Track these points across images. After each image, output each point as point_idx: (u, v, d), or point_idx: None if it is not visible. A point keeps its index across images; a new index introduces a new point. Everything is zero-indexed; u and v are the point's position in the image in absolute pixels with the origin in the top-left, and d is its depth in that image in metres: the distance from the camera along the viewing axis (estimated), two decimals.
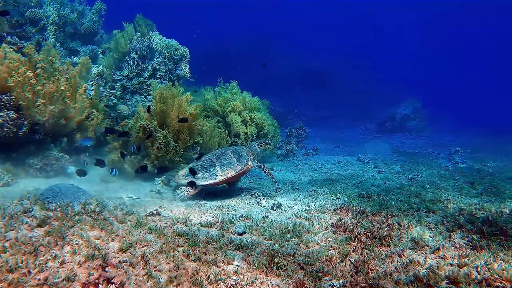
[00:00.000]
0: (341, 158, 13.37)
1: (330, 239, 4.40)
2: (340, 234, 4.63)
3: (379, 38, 55.50)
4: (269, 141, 7.79)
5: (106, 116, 7.73)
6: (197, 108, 8.43)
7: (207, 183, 6.36)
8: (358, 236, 4.43)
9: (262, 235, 4.32)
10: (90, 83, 8.46)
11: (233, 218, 4.96)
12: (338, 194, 7.10)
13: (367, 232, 4.63)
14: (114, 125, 8.17)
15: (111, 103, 8.74)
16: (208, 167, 6.55)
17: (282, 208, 5.75)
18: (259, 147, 7.47)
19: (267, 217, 5.18)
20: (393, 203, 6.39)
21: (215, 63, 33.56)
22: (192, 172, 6.11)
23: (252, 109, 10.94)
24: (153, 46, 10.87)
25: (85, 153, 6.69)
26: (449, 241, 4.32)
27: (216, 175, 6.43)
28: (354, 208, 5.84)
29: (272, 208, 5.74)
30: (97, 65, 10.48)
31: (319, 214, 5.52)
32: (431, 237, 4.55)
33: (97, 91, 7.81)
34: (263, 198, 6.37)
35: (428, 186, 8.10)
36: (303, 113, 31.52)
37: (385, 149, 15.62)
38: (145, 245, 3.63)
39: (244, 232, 4.37)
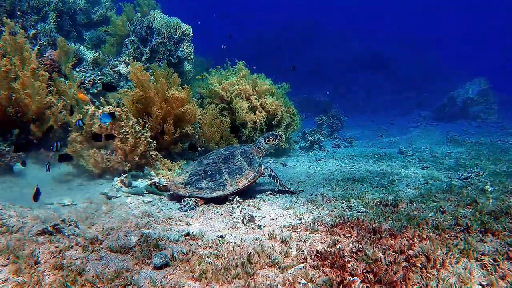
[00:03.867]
0: (379, 150, 11.10)
1: (300, 281, 2.70)
2: (322, 272, 2.90)
3: (442, 13, 49.32)
4: (280, 133, 6.13)
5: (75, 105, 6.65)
6: (184, 91, 7.06)
7: (213, 195, 4.98)
8: (346, 282, 2.65)
9: (190, 271, 2.77)
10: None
11: (169, 238, 3.46)
12: (352, 199, 5.22)
13: (367, 270, 2.83)
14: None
15: (96, 90, 7.74)
16: (214, 174, 5.17)
17: (255, 222, 4.10)
18: (266, 143, 5.92)
19: (222, 237, 3.59)
20: (430, 215, 4.37)
21: (261, 49, 32.56)
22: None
23: (263, 93, 9.27)
24: (153, 26, 9.71)
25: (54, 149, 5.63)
26: None
27: (225, 185, 5.07)
28: (364, 223, 3.98)
29: (243, 222, 4.13)
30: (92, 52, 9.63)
31: (308, 233, 3.78)
32: (483, 285, 2.62)
33: (70, 76, 6.81)
34: (240, 206, 4.75)
35: (490, 189, 5.77)
36: (352, 101, 29.10)
37: (437, 138, 12.82)
38: None
39: (166, 265, 2.86)
